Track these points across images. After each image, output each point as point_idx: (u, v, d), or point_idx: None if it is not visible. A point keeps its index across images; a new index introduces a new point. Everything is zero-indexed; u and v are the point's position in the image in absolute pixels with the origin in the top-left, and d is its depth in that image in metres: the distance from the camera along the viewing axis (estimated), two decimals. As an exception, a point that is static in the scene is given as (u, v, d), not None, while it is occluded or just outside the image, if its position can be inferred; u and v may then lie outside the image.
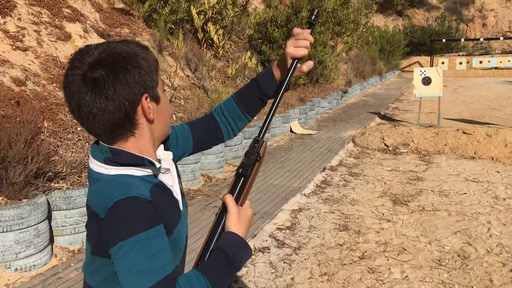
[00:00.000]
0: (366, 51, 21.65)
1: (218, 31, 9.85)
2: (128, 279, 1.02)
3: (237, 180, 1.28)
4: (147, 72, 1.13)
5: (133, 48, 1.14)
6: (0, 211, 3.60)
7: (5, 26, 6.47)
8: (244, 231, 1.21)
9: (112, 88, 1.08)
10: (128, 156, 1.14)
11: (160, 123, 1.19)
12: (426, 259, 4.34)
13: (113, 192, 1.07)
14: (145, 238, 1.03)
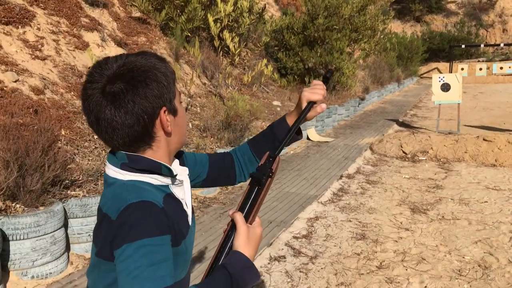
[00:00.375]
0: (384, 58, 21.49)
1: (234, 39, 9.88)
2: (126, 283, 1.00)
3: (249, 194, 1.25)
4: (165, 85, 1.13)
5: (151, 61, 1.14)
6: (17, 219, 3.62)
7: (25, 36, 6.57)
8: (252, 251, 1.18)
9: (131, 102, 1.09)
10: (146, 162, 1.14)
11: (177, 135, 1.20)
12: (446, 269, 4.24)
13: (128, 196, 1.07)
14: (150, 244, 1.01)
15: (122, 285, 1.00)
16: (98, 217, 1.15)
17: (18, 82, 5.63)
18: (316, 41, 12.56)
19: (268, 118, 9.45)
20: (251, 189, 1.26)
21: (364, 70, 18.74)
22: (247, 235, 1.17)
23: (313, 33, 12.29)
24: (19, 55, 6.18)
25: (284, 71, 12.90)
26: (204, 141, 6.81)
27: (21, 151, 3.82)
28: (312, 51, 12.45)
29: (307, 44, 12.61)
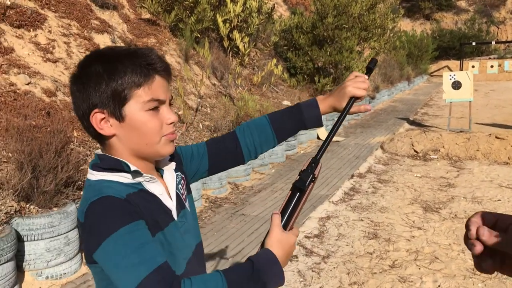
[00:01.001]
0: (394, 56, 21.38)
1: (243, 39, 9.89)
2: (120, 276, 1.00)
3: (290, 199, 1.22)
4: (103, 89, 1.11)
5: (111, 57, 1.14)
6: (32, 220, 3.66)
7: (36, 39, 6.64)
8: (282, 253, 1.14)
9: (72, 97, 1.17)
10: (109, 161, 1.15)
11: (132, 141, 1.15)
12: (459, 268, 4.21)
13: (89, 196, 1.07)
14: (126, 232, 1.01)
15: (117, 280, 1.01)
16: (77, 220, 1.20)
17: (31, 85, 5.69)
18: (325, 40, 12.53)
19: (278, 118, 9.44)
20: (292, 194, 1.23)
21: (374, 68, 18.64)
22: (278, 238, 1.15)
23: (322, 32, 12.26)
24: (31, 58, 6.25)
25: (293, 70, 12.88)
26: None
27: (35, 153, 3.86)
28: (321, 50, 12.42)
29: (317, 43, 12.58)
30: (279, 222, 1.17)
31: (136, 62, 1.12)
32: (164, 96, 1.17)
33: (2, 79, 5.41)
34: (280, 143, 1.47)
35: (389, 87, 19.16)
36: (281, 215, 1.20)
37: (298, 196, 1.22)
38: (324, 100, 1.41)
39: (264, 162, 7.68)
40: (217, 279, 1.04)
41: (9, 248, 3.33)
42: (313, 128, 1.45)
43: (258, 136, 1.43)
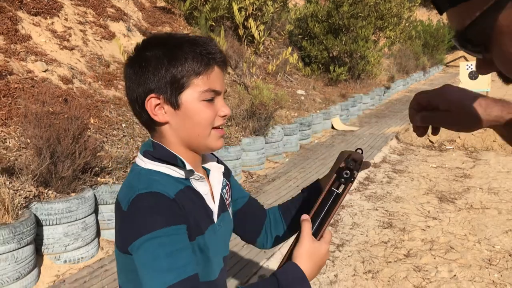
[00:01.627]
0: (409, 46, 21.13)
1: (259, 27, 9.85)
2: (147, 277, 0.98)
3: (324, 201, 1.11)
4: (162, 74, 1.08)
5: (172, 43, 1.11)
6: (50, 205, 3.71)
7: (53, 26, 6.68)
8: (311, 266, 1.07)
9: (126, 79, 1.13)
10: (164, 152, 1.11)
11: (184, 130, 1.12)
12: (475, 258, 4.19)
13: (138, 185, 1.05)
14: (164, 234, 0.98)
15: (143, 279, 0.99)
16: (115, 203, 1.13)
17: (48, 72, 5.74)
18: (340, 29, 12.43)
19: (292, 107, 9.43)
20: (327, 197, 1.12)
21: (389, 58, 18.48)
22: (308, 249, 1.07)
23: (337, 21, 12.16)
24: (48, 46, 6.29)
25: (308, 59, 12.80)
26: (229, 130, 6.84)
27: (53, 139, 3.90)
28: (336, 39, 12.32)
29: (332, 32, 12.48)
30: (309, 231, 1.09)
31: (196, 50, 1.09)
32: (220, 87, 1.14)
33: (20, 66, 5.47)
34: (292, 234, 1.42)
35: (404, 77, 18.97)
36: (311, 221, 1.10)
37: (333, 200, 1.11)
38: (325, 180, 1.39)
39: (278, 151, 7.68)
40: None
41: (28, 232, 3.39)
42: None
43: (271, 222, 1.41)
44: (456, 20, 0.59)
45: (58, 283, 3.63)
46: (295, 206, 1.40)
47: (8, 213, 3.39)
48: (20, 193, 3.74)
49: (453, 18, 0.60)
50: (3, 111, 4.66)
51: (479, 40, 0.57)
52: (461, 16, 0.57)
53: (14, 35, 5.90)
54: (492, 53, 0.57)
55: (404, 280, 3.81)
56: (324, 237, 1.12)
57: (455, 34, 0.60)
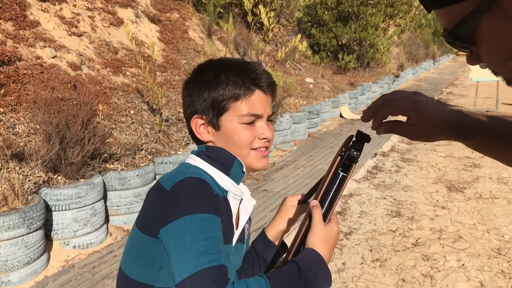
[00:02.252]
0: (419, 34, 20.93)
1: (268, 14, 9.77)
2: (180, 257, 0.97)
3: (331, 183, 1.11)
4: (205, 97, 1.17)
5: (220, 68, 1.19)
6: (59, 190, 3.73)
7: (61, 13, 6.66)
8: (327, 251, 1.08)
9: (184, 99, 1.25)
10: (222, 152, 1.17)
11: (226, 148, 1.19)
12: (484, 248, 4.17)
13: (187, 171, 1.08)
14: (206, 219, 0.99)
15: (177, 260, 0.98)
16: (153, 186, 1.15)
17: (56, 58, 5.73)
18: (350, 16, 12.31)
19: (300, 95, 9.38)
20: (333, 179, 1.11)
21: (399, 47, 18.31)
22: (322, 234, 1.08)
23: (347, 8, 12.04)
24: (56, 32, 6.28)
25: (317, 47, 12.71)
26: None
27: (62, 125, 3.91)
28: (346, 26, 12.21)
29: (341, 19, 12.37)
30: (320, 217, 1.09)
31: (239, 75, 1.17)
32: (262, 111, 1.18)
33: (28, 52, 5.47)
34: None
35: (414, 65, 18.81)
36: (321, 204, 1.10)
37: (340, 181, 1.10)
38: (270, 227, 1.38)
39: (286, 140, 7.66)
40: (262, 286, 1.00)
41: (38, 217, 3.41)
42: None
43: None
44: (444, 19, 0.63)
45: (67, 268, 3.66)
46: (245, 259, 1.37)
47: (18, 198, 3.41)
48: (29, 178, 3.76)
49: (440, 17, 0.64)
50: (12, 97, 4.67)
51: (466, 38, 0.61)
52: (448, 17, 0.61)
53: (23, 21, 5.89)
54: (479, 50, 0.62)
55: (412, 269, 3.80)
56: (333, 219, 1.13)
57: (443, 31, 0.64)
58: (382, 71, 14.27)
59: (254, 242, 1.39)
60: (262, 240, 1.38)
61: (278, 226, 1.36)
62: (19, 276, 3.34)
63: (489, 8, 0.56)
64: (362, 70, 13.17)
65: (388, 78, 14.43)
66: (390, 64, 15.09)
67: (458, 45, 0.64)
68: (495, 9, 0.56)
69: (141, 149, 4.91)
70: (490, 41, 0.59)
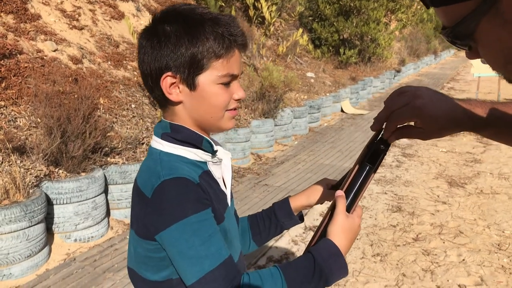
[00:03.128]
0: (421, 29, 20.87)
1: (270, 8, 9.75)
2: (184, 265, 0.97)
3: (358, 175, 1.11)
4: (182, 53, 1.03)
5: (197, 20, 1.05)
6: (61, 184, 3.73)
7: (62, 6, 6.64)
8: (345, 242, 1.07)
9: (142, 54, 1.08)
10: (188, 133, 1.09)
11: (198, 111, 1.09)
12: (484, 243, 4.17)
13: (161, 171, 1.01)
14: (196, 221, 0.97)
15: (181, 268, 0.99)
16: (133, 188, 1.10)
17: (57, 52, 5.72)
18: (352, 11, 12.27)
19: (301, 89, 9.37)
20: (360, 170, 1.11)
21: (400, 41, 18.26)
22: (343, 225, 1.08)
23: (349, 3, 12.00)
24: (57, 25, 6.27)
25: (318, 42, 12.68)
26: (239, 112, 6.82)
27: (63, 118, 3.90)
28: (347, 21, 12.17)
29: (343, 14, 12.33)
30: (343, 207, 1.09)
31: (219, 31, 1.05)
32: (238, 71, 1.11)
33: (29, 46, 5.46)
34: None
35: (415, 60, 18.77)
36: (346, 195, 1.10)
37: (366, 173, 1.10)
38: (295, 199, 1.39)
39: (287, 134, 7.66)
40: (276, 278, 1.01)
41: (39, 210, 3.42)
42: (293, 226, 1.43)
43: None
44: (444, 18, 0.64)
45: (68, 261, 3.67)
46: (263, 220, 1.39)
47: (20, 191, 3.41)
48: (31, 172, 3.76)
49: (440, 15, 0.64)
50: (13, 90, 4.66)
51: (466, 36, 0.62)
52: (448, 16, 0.62)
53: (24, 14, 5.88)
54: (478, 48, 0.63)
55: (412, 264, 3.81)
56: (357, 211, 1.12)
57: (442, 29, 0.66)
58: (383, 66, 14.24)
59: (277, 208, 1.38)
60: (285, 209, 1.37)
61: (302, 201, 1.37)
62: (20, 269, 3.35)
63: (488, 10, 0.57)
64: (363, 65, 13.14)
65: (390, 73, 14.40)
66: (392, 58, 15.06)
67: (457, 43, 0.65)
68: (494, 12, 0.56)
69: (142, 143, 4.91)
70: (489, 43, 0.60)
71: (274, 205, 1.40)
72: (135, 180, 1.10)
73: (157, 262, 1.05)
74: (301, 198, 1.37)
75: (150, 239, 1.02)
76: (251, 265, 3.69)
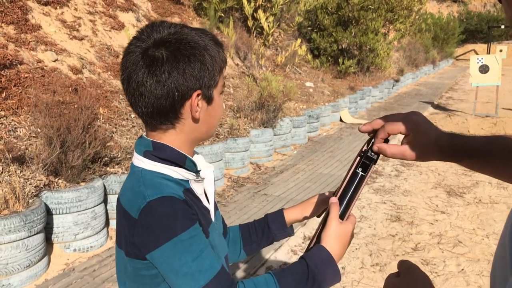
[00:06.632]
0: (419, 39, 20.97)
1: (268, 18, 9.81)
2: (179, 283, 0.99)
3: (351, 181, 1.13)
4: (209, 70, 1.06)
5: (205, 41, 1.07)
6: (60, 194, 3.74)
7: (63, 16, 6.69)
8: (338, 248, 1.09)
9: (166, 73, 1.02)
10: (171, 152, 1.08)
11: (206, 125, 1.12)
12: (483, 253, 4.18)
13: (145, 191, 1.01)
14: (186, 238, 0.98)
15: (175, 286, 1.00)
16: (117, 210, 1.10)
17: (57, 62, 5.75)
18: (350, 21, 12.35)
19: (300, 99, 9.40)
20: (352, 178, 1.13)
21: (399, 51, 18.35)
22: (336, 231, 1.10)
23: (347, 13, 12.08)
24: (58, 35, 6.31)
25: (317, 52, 12.75)
26: (238, 122, 6.84)
27: (63, 128, 3.92)
28: (346, 31, 12.25)
29: (341, 24, 12.41)
30: (337, 214, 1.11)
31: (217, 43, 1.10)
32: None
33: (30, 56, 5.49)
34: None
35: (414, 70, 18.85)
36: (339, 202, 1.13)
37: (359, 180, 1.13)
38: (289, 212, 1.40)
39: (286, 144, 7.67)
40: (270, 284, 1.03)
41: (39, 220, 3.42)
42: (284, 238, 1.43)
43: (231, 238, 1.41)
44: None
45: (67, 271, 3.67)
46: (255, 231, 1.40)
47: (19, 201, 3.42)
48: (30, 182, 3.77)
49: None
50: (13, 100, 4.69)
51: None
52: None
53: (24, 25, 5.92)
54: None
55: (411, 274, 3.80)
56: (350, 218, 1.14)
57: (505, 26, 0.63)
58: (382, 76, 14.30)
59: (271, 220, 1.39)
60: (279, 222, 1.39)
61: (296, 214, 1.39)
62: (19, 279, 3.35)
63: None
64: (362, 75, 13.20)
65: (388, 82, 14.46)
66: (390, 68, 15.13)
67: None
68: None
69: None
70: None
71: (268, 217, 1.41)
72: (118, 200, 1.10)
73: (149, 280, 1.06)
74: (295, 212, 1.39)
75: (140, 259, 1.03)
76: (249, 275, 3.68)
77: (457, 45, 29.57)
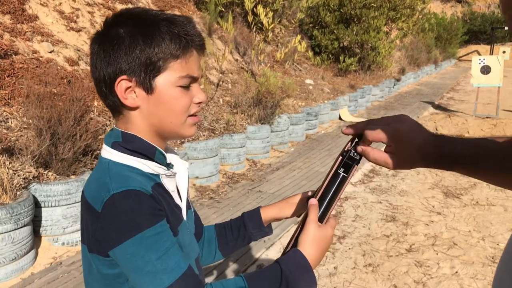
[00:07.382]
0: (422, 39, 20.88)
1: (268, 14, 9.73)
2: (142, 282, 0.93)
3: (331, 183, 1.08)
4: (142, 55, 0.99)
5: (152, 23, 1.00)
6: (49, 186, 3.68)
7: (60, 7, 6.62)
8: (316, 253, 1.04)
9: (98, 59, 1.02)
10: (140, 143, 1.03)
11: (155, 117, 1.03)
12: (478, 256, 4.12)
13: (110, 183, 0.95)
14: (152, 234, 0.93)
15: (138, 285, 0.94)
16: (81, 201, 1.04)
17: (53, 53, 5.69)
18: (352, 19, 12.26)
19: (300, 96, 9.33)
20: (333, 179, 1.08)
21: (401, 50, 18.26)
22: (314, 235, 1.04)
23: (349, 11, 11.99)
24: (55, 26, 6.24)
25: (318, 49, 12.67)
26: (235, 118, 6.78)
27: (54, 120, 3.86)
28: (348, 29, 12.17)
29: (343, 22, 12.33)
30: (315, 217, 1.06)
31: (174, 30, 1.01)
32: (198, 73, 1.06)
33: (25, 46, 5.42)
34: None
35: (416, 69, 18.77)
36: (319, 204, 1.07)
37: (340, 181, 1.08)
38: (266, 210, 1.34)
39: (284, 141, 7.61)
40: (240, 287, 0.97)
41: (26, 213, 3.36)
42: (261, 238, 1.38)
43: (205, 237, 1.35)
44: None
45: (55, 265, 3.61)
46: (231, 230, 1.34)
47: (6, 193, 3.36)
48: (19, 173, 3.71)
49: None
50: (6, 91, 4.63)
51: None
52: None
53: (21, 15, 5.85)
54: None
55: (404, 275, 3.75)
56: (330, 222, 1.09)
57: None
58: (383, 75, 14.22)
59: (247, 218, 1.34)
60: (255, 220, 1.33)
61: (273, 213, 1.33)
62: (5, 273, 3.29)
63: None
64: (362, 73, 13.13)
65: (389, 81, 14.38)
66: (392, 67, 15.05)
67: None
68: None
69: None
70: None
71: (244, 215, 1.35)
72: (83, 192, 1.04)
73: (112, 280, 1.00)
74: (273, 210, 1.33)
75: (103, 255, 0.97)
76: (240, 273, 3.63)
77: (460, 46, 29.48)
